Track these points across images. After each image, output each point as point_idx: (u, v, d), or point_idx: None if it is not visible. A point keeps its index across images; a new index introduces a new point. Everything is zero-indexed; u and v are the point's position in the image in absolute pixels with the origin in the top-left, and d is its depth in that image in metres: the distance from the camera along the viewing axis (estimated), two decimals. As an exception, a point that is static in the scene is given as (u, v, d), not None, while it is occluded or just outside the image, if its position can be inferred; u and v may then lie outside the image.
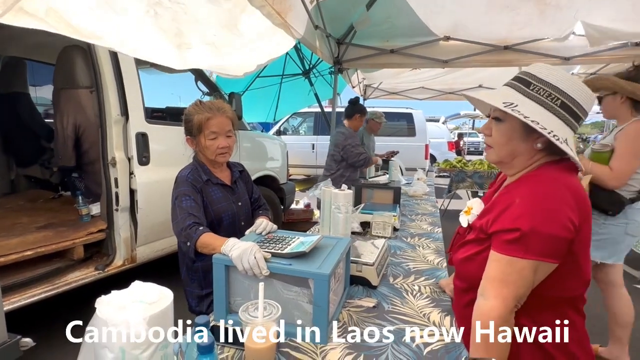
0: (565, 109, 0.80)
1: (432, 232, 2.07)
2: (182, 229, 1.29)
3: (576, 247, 0.78)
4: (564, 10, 2.81)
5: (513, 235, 0.76)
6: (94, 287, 2.27)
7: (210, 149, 1.41)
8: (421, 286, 1.34)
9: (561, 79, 0.81)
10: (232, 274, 1.04)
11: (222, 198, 1.47)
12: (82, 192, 2.56)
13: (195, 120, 1.39)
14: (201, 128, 1.39)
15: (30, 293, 1.96)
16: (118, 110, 2.30)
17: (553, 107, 0.81)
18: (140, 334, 0.59)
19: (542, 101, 0.81)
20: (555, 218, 0.75)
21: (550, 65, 0.86)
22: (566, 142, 0.78)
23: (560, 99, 0.80)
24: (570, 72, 4.96)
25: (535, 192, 0.79)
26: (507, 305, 0.76)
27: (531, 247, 0.75)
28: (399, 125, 7.91)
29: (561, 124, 0.80)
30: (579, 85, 0.81)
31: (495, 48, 3.44)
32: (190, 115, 1.42)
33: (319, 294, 0.94)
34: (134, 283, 0.69)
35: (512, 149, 0.87)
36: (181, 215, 1.31)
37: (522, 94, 0.84)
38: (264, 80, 5.43)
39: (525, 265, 0.75)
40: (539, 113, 0.80)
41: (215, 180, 1.47)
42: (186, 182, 1.38)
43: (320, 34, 3.07)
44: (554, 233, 0.74)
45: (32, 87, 3.42)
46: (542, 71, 0.83)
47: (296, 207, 4.89)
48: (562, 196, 0.77)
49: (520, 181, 0.86)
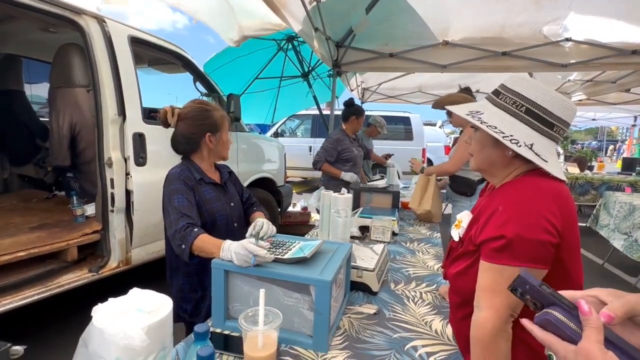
0: (531, 114, 0.82)
1: (432, 237, 2.06)
2: (175, 230, 1.23)
3: (563, 254, 0.78)
4: (558, 1, 2.83)
5: (499, 243, 0.76)
6: (88, 290, 2.24)
7: (228, 144, 1.46)
8: (422, 292, 1.32)
9: (528, 87, 0.83)
10: (231, 280, 1.02)
11: (215, 197, 1.43)
12: (77, 192, 2.52)
13: (217, 116, 1.41)
14: (223, 123, 1.43)
15: (22, 295, 1.92)
16: (115, 109, 2.27)
17: (517, 113, 0.83)
18: (138, 344, 0.56)
19: (507, 108, 0.84)
20: (537, 223, 0.75)
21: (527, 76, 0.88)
22: (529, 147, 0.79)
23: (525, 106, 0.82)
24: (567, 78, 5.01)
25: (517, 199, 0.80)
26: (500, 315, 0.75)
27: (517, 254, 0.75)
28: (397, 129, 7.92)
29: (526, 128, 0.82)
30: (550, 94, 0.82)
31: (494, 54, 3.46)
32: (209, 112, 1.41)
33: (321, 300, 0.92)
34: (132, 290, 0.66)
35: (486, 156, 0.90)
36: (174, 216, 1.26)
37: (492, 103, 0.88)
38: (263, 82, 5.41)
39: (513, 272, 0.75)
40: (503, 119, 0.84)
41: (208, 180, 1.43)
42: (178, 180, 1.34)
43: (319, 36, 3.06)
44: (539, 238, 0.74)
45: (27, 84, 3.38)
46: (512, 81, 0.86)
47: (293, 209, 4.86)
48: (543, 201, 0.77)
49: (502, 188, 0.87)
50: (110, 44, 2.29)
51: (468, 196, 2.41)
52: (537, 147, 0.80)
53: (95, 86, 2.24)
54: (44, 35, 2.98)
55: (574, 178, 5.76)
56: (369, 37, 3.55)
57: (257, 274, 0.98)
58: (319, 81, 5.45)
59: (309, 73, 5.04)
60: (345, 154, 3.13)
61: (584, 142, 22.36)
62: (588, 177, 5.80)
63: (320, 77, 5.43)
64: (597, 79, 4.86)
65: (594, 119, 9.65)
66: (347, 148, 3.14)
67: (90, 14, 2.26)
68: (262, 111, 6.28)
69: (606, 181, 5.67)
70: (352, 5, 3.07)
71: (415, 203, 2.40)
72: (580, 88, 5.32)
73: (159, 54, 2.93)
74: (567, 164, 6.89)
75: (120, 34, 2.38)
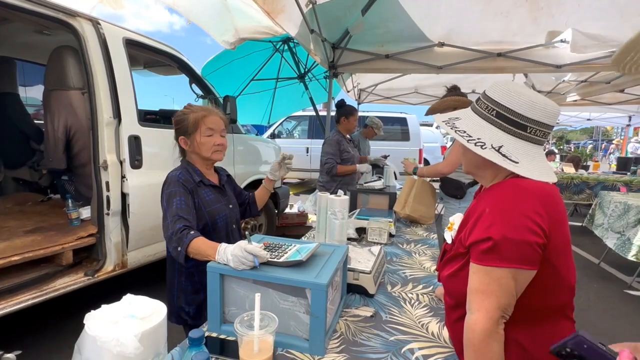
0: (501, 117, 0.85)
1: (428, 238, 2.07)
2: (172, 233, 1.22)
3: (551, 254, 0.78)
4: (555, 17, 2.87)
5: (486, 244, 0.77)
6: (84, 294, 2.22)
7: (207, 145, 1.40)
8: (419, 294, 1.32)
9: (501, 92, 0.85)
10: (227, 283, 1.01)
11: (215, 200, 1.43)
12: (72, 195, 2.51)
13: (192, 118, 1.39)
14: (197, 125, 1.39)
15: (17, 300, 1.90)
16: (110, 112, 2.26)
17: (488, 116, 0.86)
18: (131, 351, 0.56)
19: (480, 113, 0.88)
20: (523, 224, 0.76)
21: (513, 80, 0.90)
22: (497, 149, 0.82)
23: (495, 109, 0.85)
24: (562, 79, 5.04)
25: (502, 200, 0.80)
26: (490, 317, 0.76)
27: (505, 255, 0.75)
28: (393, 129, 7.94)
29: (497, 131, 0.85)
30: (522, 98, 0.84)
31: (489, 55, 3.48)
32: (185, 114, 1.41)
33: (317, 304, 0.92)
34: (125, 297, 0.66)
35: (470, 159, 0.92)
36: (170, 218, 1.26)
37: (472, 109, 0.92)
38: (259, 83, 5.41)
39: (502, 273, 0.76)
40: (475, 123, 0.88)
41: (207, 182, 1.43)
42: (177, 183, 1.33)
43: (315, 37, 3.07)
44: (524, 238, 0.75)
45: (21, 87, 3.36)
46: (490, 88, 0.89)
47: (290, 211, 4.86)
48: (529, 202, 0.78)
49: (489, 190, 0.88)
50: (105, 46, 2.28)
51: (457, 199, 2.41)
52: (506, 148, 0.82)
53: (90, 88, 2.23)
54: (39, 37, 2.97)
55: (570, 178, 5.80)
56: (365, 39, 3.56)
57: (253, 277, 0.98)
58: (315, 82, 5.46)
59: (305, 74, 5.05)
60: (344, 154, 3.15)
61: (579, 142, 22.50)
62: (584, 177, 5.84)
63: (316, 79, 5.44)
64: (591, 79, 4.90)
65: (589, 119, 9.72)
66: (346, 148, 3.17)
67: (84, 16, 2.25)
68: (259, 112, 6.28)
69: (601, 181, 5.71)
70: (347, 7, 3.08)
71: (399, 205, 2.36)
72: (575, 89, 5.35)
73: (154, 56, 2.93)
74: (562, 163, 6.93)
75: (115, 36, 2.37)
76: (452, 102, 2.28)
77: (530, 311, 0.81)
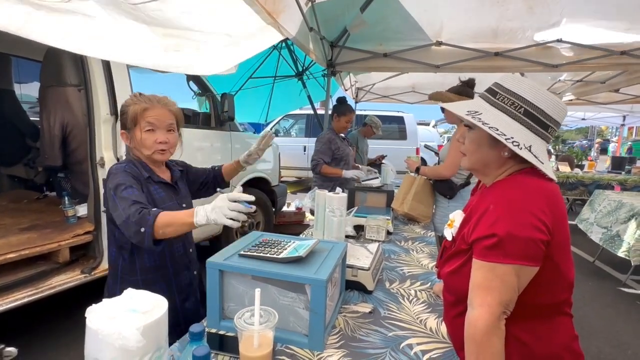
0: (529, 116, 0.83)
1: (425, 236, 2.08)
2: (128, 216, 1.05)
3: (553, 251, 0.79)
4: (550, 6, 2.88)
5: (491, 241, 0.77)
6: (80, 291, 2.21)
7: (146, 143, 1.21)
8: (417, 291, 1.33)
9: (526, 88, 0.84)
10: (226, 280, 1.02)
11: (166, 198, 1.27)
12: (69, 192, 2.49)
13: (131, 110, 1.21)
14: (136, 119, 1.20)
15: (13, 297, 1.90)
16: (107, 109, 2.25)
17: (516, 114, 0.83)
18: (133, 344, 0.56)
19: (505, 109, 0.85)
20: (528, 221, 0.76)
21: (521, 76, 0.89)
22: (529, 149, 0.80)
23: (524, 107, 0.83)
24: (558, 79, 5.08)
25: (508, 197, 0.81)
26: (492, 313, 0.76)
27: (509, 252, 0.76)
28: (391, 128, 7.96)
29: (525, 130, 0.83)
30: (546, 95, 0.83)
31: (486, 54, 3.49)
32: (126, 106, 1.23)
33: (316, 300, 0.92)
34: (126, 291, 0.66)
35: (482, 156, 0.90)
36: (123, 205, 1.08)
37: (489, 103, 0.88)
38: (257, 81, 5.40)
39: (506, 270, 0.76)
40: (502, 120, 0.84)
41: (157, 179, 1.27)
42: (124, 173, 1.17)
43: (314, 36, 3.06)
44: (530, 235, 0.75)
45: (17, 84, 3.33)
46: (508, 81, 0.86)
47: (288, 209, 4.86)
48: (534, 200, 0.79)
49: (494, 187, 0.88)
50: (102, 43, 2.27)
51: (448, 198, 2.39)
52: (534, 148, 0.81)
53: (86, 85, 2.22)
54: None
55: (565, 177, 5.85)
56: (363, 37, 3.56)
57: (253, 273, 0.98)
58: (312, 81, 5.45)
59: (303, 72, 5.04)
60: (337, 152, 3.13)
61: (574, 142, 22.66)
62: (579, 176, 5.90)
63: (314, 77, 5.43)
64: (586, 79, 4.93)
65: (584, 118, 9.79)
66: (339, 147, 3.14)
67: (81, 12, 2.23)
68: (256, 110, 6.27)
69: (596, 179, 5.77)
70: (346, 5, 3.08)
71: (397, 202, 2.37)
72: (570, 88, 5.39)
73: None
74: (558, 163, 6.99)
75: (112, 33, 2.36)
76: (454, 97, 2.27)
77: (530, 307, 0.82)
